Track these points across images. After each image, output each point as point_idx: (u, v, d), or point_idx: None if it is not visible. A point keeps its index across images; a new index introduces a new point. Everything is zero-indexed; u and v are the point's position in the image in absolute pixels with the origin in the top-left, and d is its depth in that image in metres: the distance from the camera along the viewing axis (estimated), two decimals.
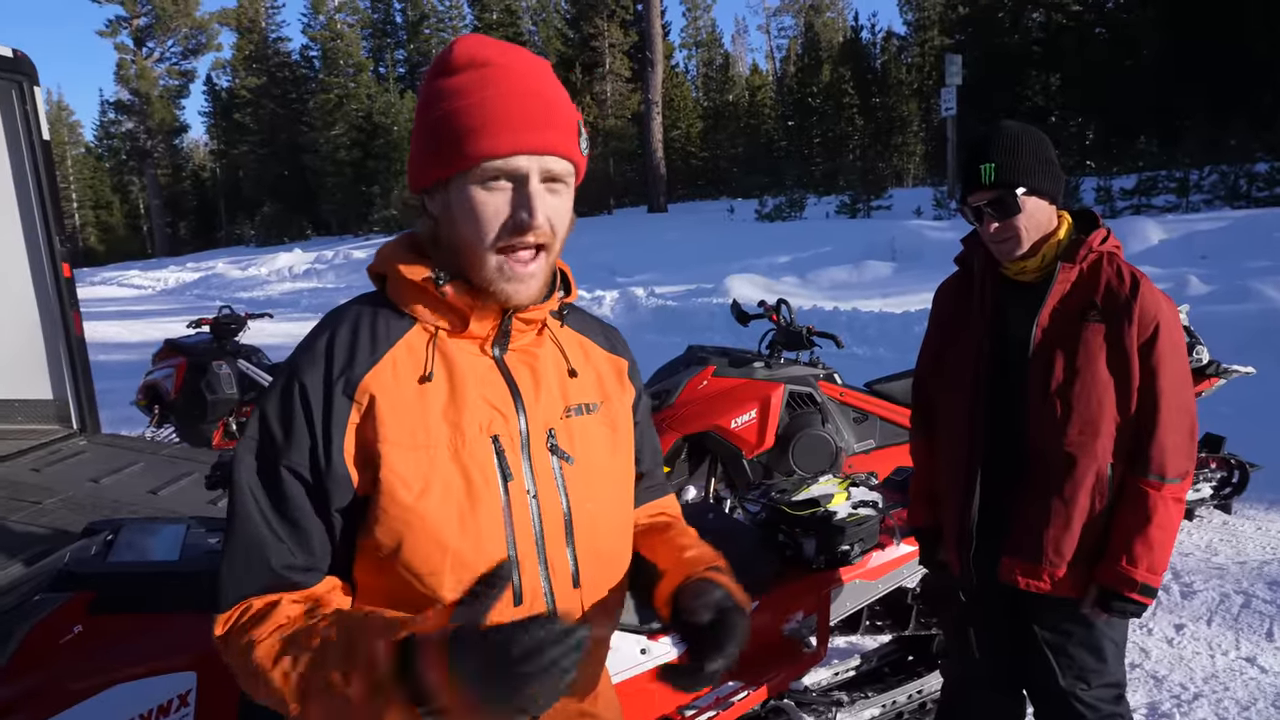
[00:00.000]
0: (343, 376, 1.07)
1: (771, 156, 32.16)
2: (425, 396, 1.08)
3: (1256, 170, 15.46)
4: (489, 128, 1.02)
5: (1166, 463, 1.89)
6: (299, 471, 1.05)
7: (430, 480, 1.06)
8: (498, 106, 1.03)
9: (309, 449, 1.05)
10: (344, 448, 1.06)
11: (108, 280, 29.70)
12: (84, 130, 65.99)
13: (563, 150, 1.07)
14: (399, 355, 1.09)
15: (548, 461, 1.14)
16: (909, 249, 14.24)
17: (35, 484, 3.65)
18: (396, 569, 1.06)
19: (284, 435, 1.06)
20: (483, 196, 1.05)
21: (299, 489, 1.06)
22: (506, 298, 1.08)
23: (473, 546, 1.07)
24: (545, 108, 1.06)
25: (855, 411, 4.58)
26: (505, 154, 1.03)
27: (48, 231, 4.33)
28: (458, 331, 1.12)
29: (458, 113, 1.04)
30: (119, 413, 6.93)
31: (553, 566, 1.13)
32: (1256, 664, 3.14)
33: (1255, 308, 7.96)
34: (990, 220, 1.93)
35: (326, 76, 42.40)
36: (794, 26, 54.30)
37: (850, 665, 2.88)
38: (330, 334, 1.11)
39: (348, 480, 1.06)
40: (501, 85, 1.04)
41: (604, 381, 1.26)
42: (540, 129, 1.04)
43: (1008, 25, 28.11)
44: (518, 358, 1.16)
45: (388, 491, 1.05)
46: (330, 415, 1.06)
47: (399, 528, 1.05)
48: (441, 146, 1.05)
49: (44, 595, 1.66)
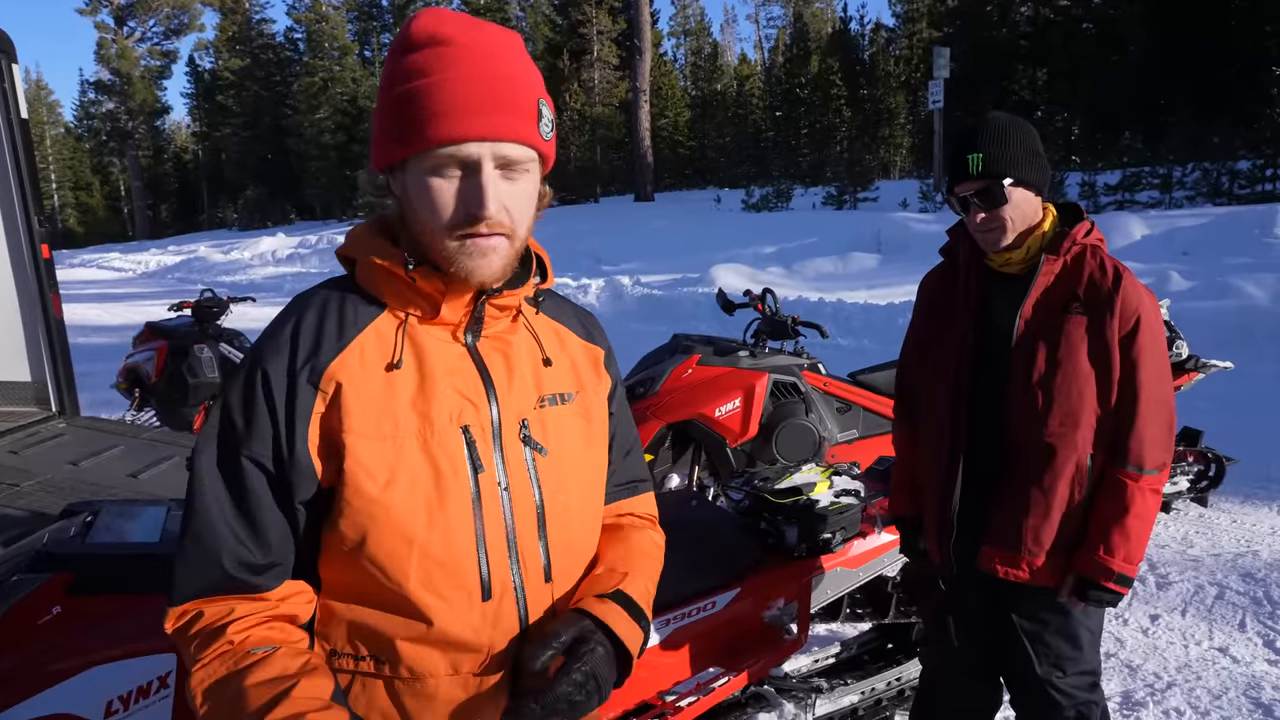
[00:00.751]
0: (308, 364, 1.04)
1: (759, 147, 32.11)
2: (393, 385, 1.05)
3: (1239, 168, 15.59)
4: (441, 112, 0.98)
5: (1145, 454, 1.91)
6: (260, 462, 1.03)
7: (397, 471, 1.03)
8: (451, 90, 0.99)
9: (270, 438, 1.03)
10: (308, 437, 1.03)
11: (87, 262, 29.35)
12: (63, 110, 65.23)
13: (518, 136, 1.02)
14: (366, 342, 1.06)
15: (520, 452, 1.11)
16: (894, 241, 14.28)
17: (13, 466, 3.62)
18: (362, 563, 1.04)
19: (245, 424, 1.03)
20: (436, 183, 1.01)
21: (260, 480, 1.03)
22: (468, 274, 1.04)
23: (441, 539, 1.05)
24: (501, 91, 1.01)
25: (839, 401, 4.60)
26: (456, 140, 0.99)
27: (26, 212, 4.27)
28: (429, 318, 1.09)
29: (414, 94, 1.00)
30: (98, 395, 6.87)
31: (524, 560, 1.11)
32: (1229, 654, 3.19)
33: (1235, 304, 8.05)
34: (977, 210, 1.93)
35: (311, 59, 41.94)
36: (783, 16, 54.18)
37: (830, 652, 2.91)
38: (295, 320, 1.07)
39: (311, 471, 1.04)
40: (459, 67, 1.00)
41: (579, 370, 1.22)
42: (494, 113, 1.00)
43: (996, 19, 28.15)
44: (491, 345, 1.12)
45: (352, 483, 1.02)
46: (294, 404, 1.03)
47: (363, 520, 1.02)
48: (399, 126, 1.01)
49: (22, 576, 1.64)
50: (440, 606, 1.05)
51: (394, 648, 1.07)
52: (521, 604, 1.11)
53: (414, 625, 1.06)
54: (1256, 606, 3.51)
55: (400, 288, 1.08)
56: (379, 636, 1.07)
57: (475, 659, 1.09)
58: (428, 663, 1.07)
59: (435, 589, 1.05)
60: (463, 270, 1.04)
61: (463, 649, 1.08)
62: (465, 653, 1.09)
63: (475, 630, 1.08)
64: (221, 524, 1.03)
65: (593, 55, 35.22)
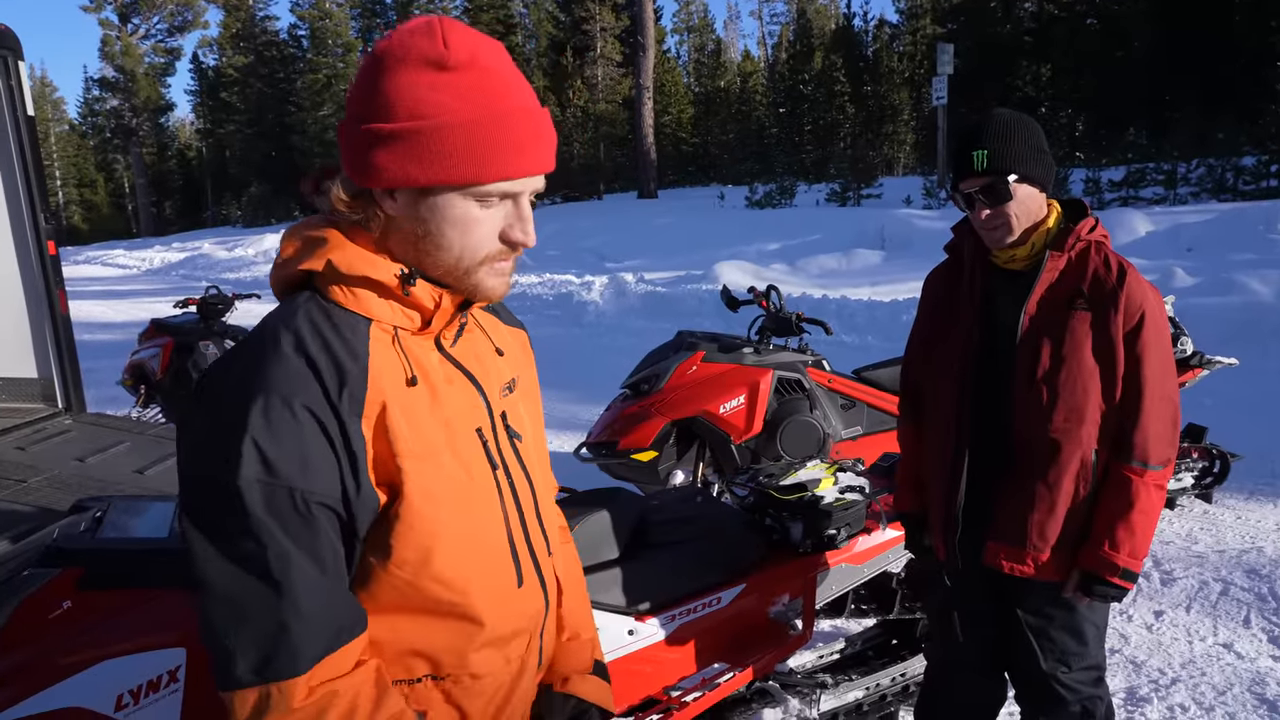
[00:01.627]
0: (343, 394, 0.97)
1: (762, 143, 32.04)
2: (415, 400, 1.04)
3: (1244, 164, 15.54)
4: (497, 151, 0.97)
5: (1149, 450, 1.91)
6: (330, 505, 0.96)
7: (444, 485, 1.04)
8: (506, 128, 0.97)
9: (336, 478, 0.96)
10: (369, 469, 0.99)
11: (92, 259, 29.38)
12: (68, 107, 65.30)
13: (552, 166, 1.05)
14: (378, 360, 1.02)
15: (509, 443, 1.16)
16: (898, 238, 14.26)
17: (20, 462, 3.63)
18: (423, 582, 1.03)
19: (304, 467, 0.94)
20: (478, 214, 1.00)
21: (334, 525, 0.97)
22: (490, 293, 1.06)
23: (484, 540, 1.09)
24: (542, 125, 1.02)
25: (843, 398, 4.60)
26: (514, 178, 1.00)
27: (32, 208, 4.28)
28: (415, 329, 1.07)
29: (460, 127, 0.95)
30: (104, 392, 6.88)
31: (534, 541, 1.18)
32: (1233, 650, 3.19)
33: (1239, 300, 8.03)
34: (982, 207, 1.94)
35: (315, 56, 41.95)
36: (786, 13, 54.09)
37: (835, 648, 2.91)
38: (296, 344, 0.98)
39: (375, 503, 1.00)
40: (505, 101, 0.98)
41: (514, 355, 1.27)
42: (543, 150, 1.02)
43: (999, 15, 28.08)
44: (461, 348, 1.13)
45: (411, 506, 1.00)
46: (348, 437, 0.97)
47: (426, 541, 1.01)
48: (434, 156, 0.96)
49: (33, 571, 1.65)
50: (494, 605, 1.10)
51: (456, 658, 1.09)
52: (541, 581, 1.19)
53: (475, 630, 1.08)
54: (1261, 603, 3.51)
55: (390, 302, 1.04)
56: (439, 652, 1.08)
57: (521, 643, 1.16)
58: (488, 663, 1.12)
59: (489, 589, 1.09)
60: (485, 291, 1.06)
61: (513, 638, 1.14)
62: (514, 640, 1.15)
63: (519, 617, 1.15)
64: (318, 577, 0.95)
65: (596, 52, 35.17)
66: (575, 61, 34.91)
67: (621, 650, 2.15)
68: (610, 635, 2.13)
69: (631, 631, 2.17)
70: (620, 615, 2.17)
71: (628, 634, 2.17)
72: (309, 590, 0.94)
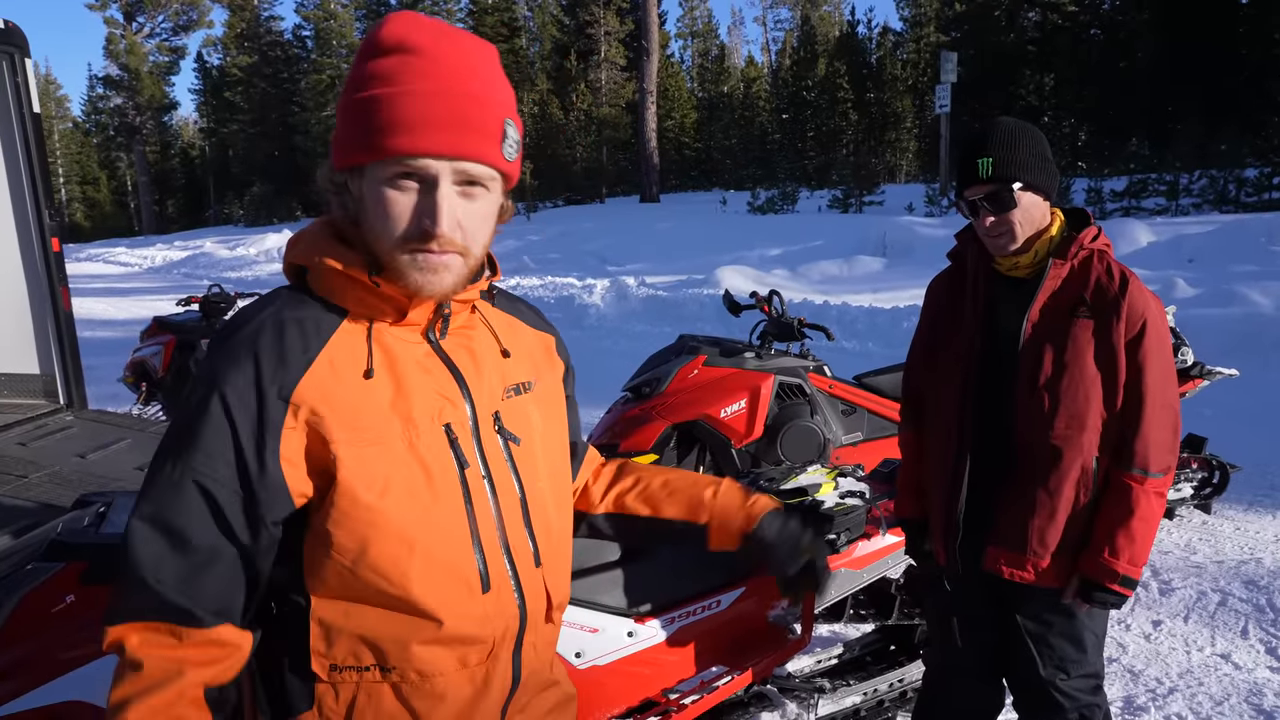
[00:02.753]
0: (276, 381, 1.01)
1: (765, 149, 32.12)
2: (371, 391, 1.04)
3: (1245, 175, 15.56)
4: (403, 124, 0.98)
5: (1150, 457, 1.92)
6: (207, 486, 1.00)
7: (390, 476, 1.03)
8: (416, 103, 0.98)
9: (234, 460, 1.00)
10: (280, 453, 1.01)
11: (94, 257, 29.43)
12: (71, 105, 65.44)
13: (479, 155, 1.01)
14: (335, 352, 1.04)
15: (497, 444, 1.13)
16: (900, 245, 14.28)
17: (21, 458, 3.64)
18: (362, 572, 1.03)
19: (194, 445, 1.00)
20: (392, 195, 1.01)
21: (204, 506, 1.01)
22: (418, 288, 1.03)
23: (438, 539, 1.06)
24: (465, 109, 1.00)
25: (844, 404, 4.60)
26: (416, 153, 0.98)
27: (37, 205, 4.30)
28: (392, 320, 1.08)
29: (379, 101, 0.99)
30: (104, 389, 6.89)
31: (515, 549, 1.13)
32: (1231, 660, 3.20)
33: (1240, 311, 8.04)
34: (986, 214, 1.94)
35: (319, 57, 42.05)
36: (790, 19, 54.24)
37: (833, 653, 2.91)
38: (254, 335, 1.03)
39: (283, 488, 1.02)
40: (425, 80, 0.99)
41: (535, 359, 1.25)
42: (456, 131, 0.99)
43: (1003, 24, 28.15)
44: (455, 341, 1.13)
45: (347, 493, 1.01)
46: (264, 422, 1.01)
47: (363, 529, 1.02)
48: (361, 131, 1.00)
49: (36, 565, 1.66)
50: (444, 605, 1.07)
51: (401, 652, 1.07)
52: (518, 591, 1.14)
53: (420, 626, 1.06)
54: (1259, 614, 3.52)
55: (363, 293, 1.06)
56: (383, 643, 1.07)
57: (481, 650, 1.11)
58: (436, 661, 1.08)
59: (437, 588, 1.06)
60: (414, 284, 1.04)
61: (469, 643, 1.10)
62: (471, 646, 1.10)
63: (479, 623, 1.10)
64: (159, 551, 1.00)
65: (600, 56, 35.24)
66: (579, 65, 34.98)
67: (621, 652, 2.15)
68: (609, 637, 2.13)
69: (631, 633, 2.18)
70: (620, 617, 2.17)
71: (627, 636, 2.17)
72: (151, 558, 1.00)
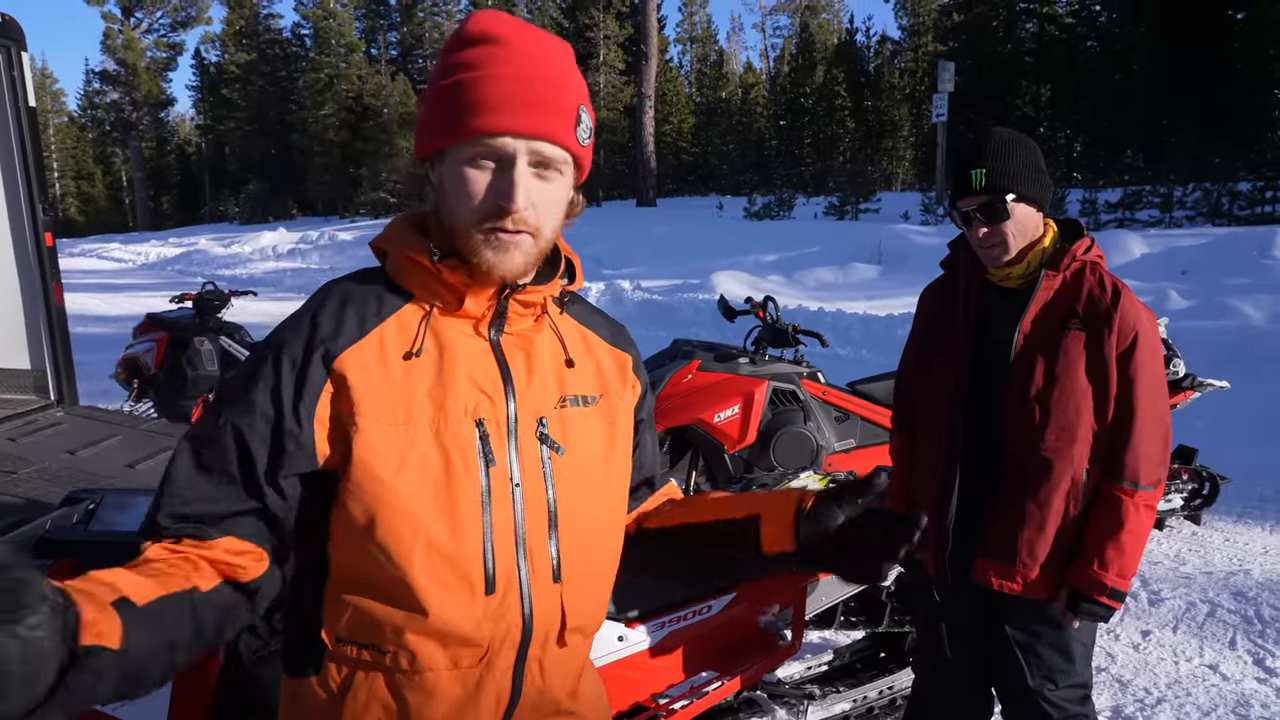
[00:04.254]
0: (322, 346, 1.06)
1: (762, 155, 32.20)
2: (410, 373, 1.07)
3: (1239, 189, 15.65)
4: (484, 104, 1.02)
5: (1140, 470, 1.92)
6: (240, 430, 1.04)
7: (408, 457, 1.04)
8: (496, 84, 1.03)
9: (270, 414, 1.04)
10: (315, 414, 1.05)
11: (87, 252, 29.32)
12: (67, 99, 65.15)
13: (555, 136, 1.05)
14: (388, 331, 1.08)
15: (536, 450, 1.11)
16: (895, 252, 14.32)
17: (10, 453, 3.62)
18: (368, 547, 1.04)
19: (235, 398, 1.06)
20: (470, 173, 1.04)
21: (234, 451, 1.04)
22: (490, 267, 1.06)
23: (447, 529, 1.05)
24: (543, 91, 1.04)
25: (837, 410, 4.61)
26: (494, 132, 1.02)
27: (31, 199, 4.28)
28: (452, 310, 1.10)
29: (460, 86, 1.04)
30: (96, 385, 6.86)
31: (533, 558, 1.11)
32: (1219, 671, 3.21)
33: (1232, 324, 8.08)
34: (979, 225, 1.95)
35: (317, 55, 42.00)
36: (789, 26, 54.38)
37: (823, 660, 2.92)
38: (318, 306, 1.11)
39: (312, 447, 1.05)
40: (507, 64, 1.04)
41: (604, 374, 1.23)
42: (533, 112, 1.03)
43: (1001, 34, 28.26)
44: (513, 342, 1.13)
45: (362, 465, 1.03)
46: (305, 380, 1.05)
47: (371, 503, 1.03)
48: (443, 116, 1.05)
49: None
50: (441, 596, 1.05)
51: (393, 637, 1.07)
52: (526, 601, 1.11)
53: (414, 614, 1.06)
54: (1247, 625, 3.53)
55: (427, 279, 1.10)
56: (380, 625, 1.07)
57: (475, 653, 1.09)
58: (426, 655, 1.07)
59: (437, 578, 1.05)
60: (485, 263, 1.06)
61: (462, 642, 1.08)
62: (465, 647, 1.08)
63: (476, 624, 1.08)
64: (186, 477, 1.05)
65: (599, 60, 35.29)
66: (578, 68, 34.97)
67: (611, 656, 2.15)
68: (600, 641, 2.13)
69: (621, 638, 2.18)
70: (611, 621, 2.17)
71: (618, 640, 2.17)
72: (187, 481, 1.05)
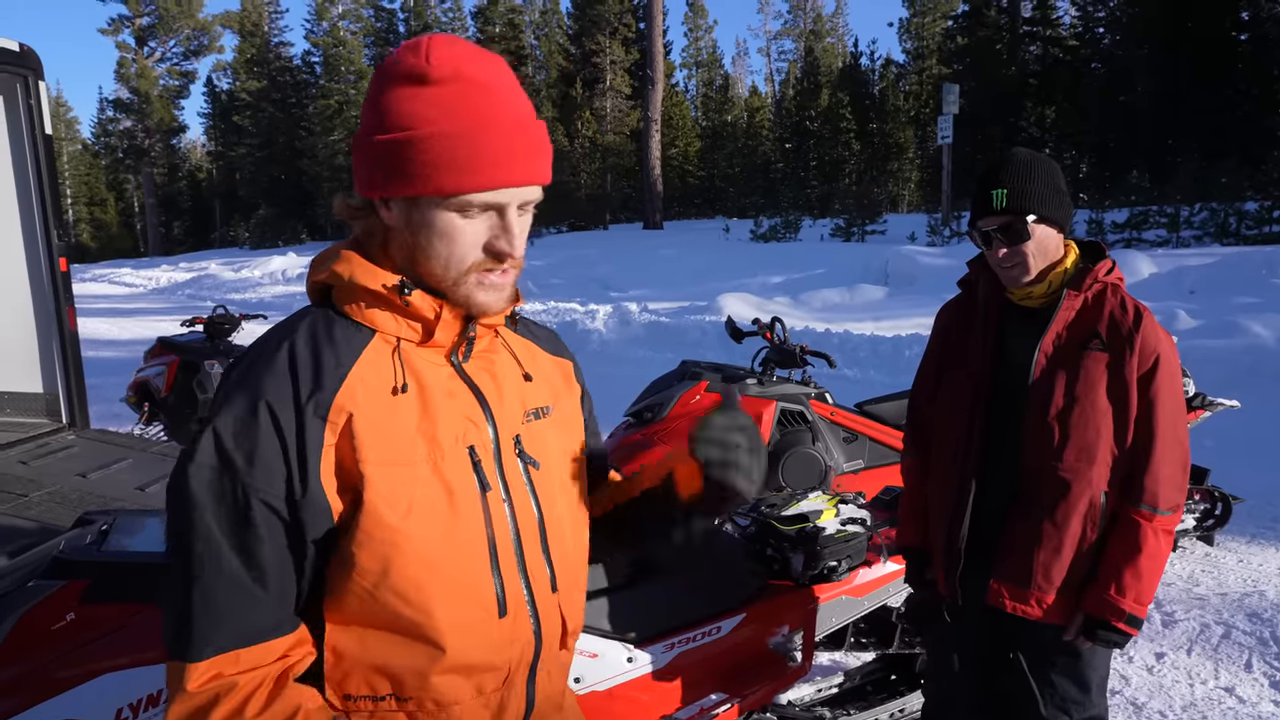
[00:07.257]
0: (313, 397, 1.00)
1: (768, 178, 32.35)
2: (398, 411, 1.03)
3: (1246, 209, 15.64)
4: (475, 163, 0.98)
5: (1159, 494, 1.90)
6: (272, 504, 0.98)
7: (414, 497, 1.02)
8: (485, 140, 0.99)
9: (284, 478, 0.99)
10: (320, 472, 1.00)
11: (99, 277, 29.53)
12: (81, 127, 65.94)
13: (543, 179, 1.05)
14: (365, 370, 1.04)
15: (518, 468, 1.13)
16: (902, 274, 14.34)
17: (22, 476, 3.64)
18: (383, 595, 1.02)
19: (251, 463, 0.98)
20: (460, 224, 1.02)
21: (275, 525, 0.99)
22: (483, 309, 1.06)
23: (459, 561, 1.05)
24: (534, 136, 1.03)
25: (845, 431, 4.60)
26: (497, 187, 1.00)
27: (46, 225, 4.33)
28: (422, 341, 1.08)
29: (439, 138, 0.98)
30: (107, 409, 6.90)
31: (532, 574, 1.12)
32: (1234, 694, 3.17)
33: (1242, 343, 8.05)
34: (1000, 245, 1.94)
35: (327, 82, 42.43)
36: (794, 50, 54.71)
37: (834, 682, 2.89)
38: (289, 349, 1.03)
39: (326, 509, 1.01)
40: (487, 113, 1.00)
41: (553, 384, 1.25)
42: (527, 162, 1.02)
43: (1005, 57, 28.44)
44: (478, 365, 1.13)
45: (373, 513, 1.00)
46: (304, 439, 0.99)
47: (385, 550, 1.01)
48: (416, 166, 0.99)
49: (37, 582, 1.65)
50: (463, 630, 1.05)
51: (419, 681, 1.05)
52: (534, 617, 1.12)
53: (438, 653, 1.04)
54: (1263, 647, 3.49)
55: (393, 311, 1.07)
56: (401, 672, 1.05)
57: (497, 676, 1.10)
58: (453, 690, 1.07)
59: (457, 613, 1.05)
60: (477, 305, 1.06)
61: (485, 670, 1.08)
62: (487, 673, 1.09)
63: (495, 649, 1.08)
64: (244, 576, 0.98)
65: (605, 84, 35.58)
66: (585, 93, 35.31)
67: (620, 678, 2.14)
68: (608, 662, 2.12)
69: (630, 659, 2.17)
70: (619, 642, 2.16)
71: (626, 661, 2.16)
72: (228, 584, 0.97)
